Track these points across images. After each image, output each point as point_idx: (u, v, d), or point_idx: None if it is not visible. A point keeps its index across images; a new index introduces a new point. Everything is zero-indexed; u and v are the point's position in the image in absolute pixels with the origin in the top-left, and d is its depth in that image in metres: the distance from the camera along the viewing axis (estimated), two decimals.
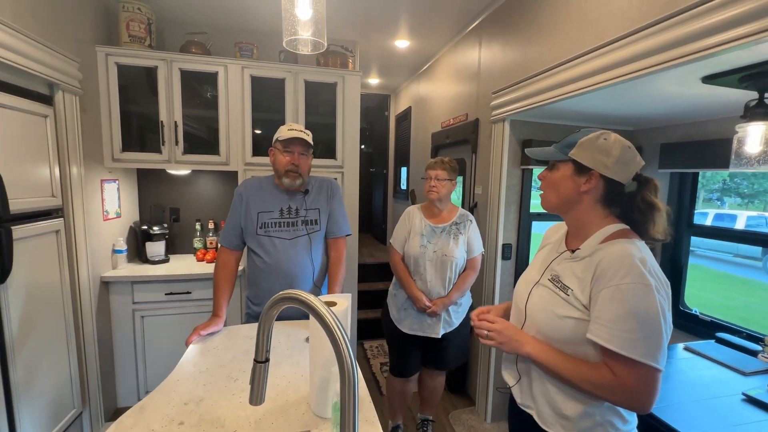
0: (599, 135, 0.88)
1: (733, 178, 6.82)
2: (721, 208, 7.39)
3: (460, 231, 1.79)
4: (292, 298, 0.57)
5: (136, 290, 2.10)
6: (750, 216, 6.88)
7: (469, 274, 1.81)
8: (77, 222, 1.79)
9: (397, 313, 1.85)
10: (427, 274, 1.75)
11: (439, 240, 1.77)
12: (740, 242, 1.80)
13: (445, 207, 1.82)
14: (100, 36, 2.08)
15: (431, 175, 1.77)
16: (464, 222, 1.81)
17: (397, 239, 1.86)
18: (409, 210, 1.88)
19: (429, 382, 1.99)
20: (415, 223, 1.82)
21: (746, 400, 1.23)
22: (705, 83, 1.23)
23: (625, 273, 0.77)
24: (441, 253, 1.74)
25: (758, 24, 0.91)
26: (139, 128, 2.22)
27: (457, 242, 1.76)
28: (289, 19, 0.84)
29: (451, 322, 1.81)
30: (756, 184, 7.56)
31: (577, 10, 1.52)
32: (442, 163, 1.78)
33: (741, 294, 5.95)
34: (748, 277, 6.50)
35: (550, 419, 0.89)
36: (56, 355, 1.67)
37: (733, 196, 7.80)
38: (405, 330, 1.81)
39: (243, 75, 2.23)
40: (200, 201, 2.64)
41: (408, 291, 1.78)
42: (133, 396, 2.16)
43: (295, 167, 1.46)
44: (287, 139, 1.45)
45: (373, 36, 2.72)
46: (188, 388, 0.99)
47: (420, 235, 1.78)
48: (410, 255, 1.79)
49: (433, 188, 1.76)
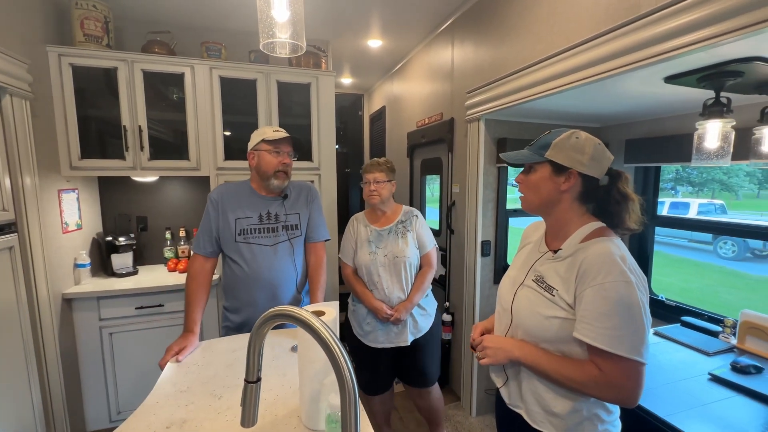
0: (571, 134, 0.90)
1: (685, 168, 7.32)
2: (675, 197, 7.92)
3: (407, 228, 1.72)
4: (283, 314, 0.55)
5: (103, 306, 1.97)
6: (701, 203, 7.42)
7: (426, 272, 1.74)
8: (33, 236, 1.66)
9: (359, 328, 1.75)
10: (383, 280, 1.67)
11: (387, 243, 1.69)
12: (699, 231, 1.93)
13: (388, 208, 1.76)
14: (52, 35, 1.93)
15: (369, 179, 1.70)
16: (410, 219, 1.75)
17: (345, 252, 1.78)
18: (352, 220, 1.82)
19: (421, 403, 1.86)
20: (360, 231, 1.75)
21: (712, 380, 1.32)
22: (667, 83, 1.30)
23: (607, 272, 0.80)
24: (392, 255, 1.67)
25: (716, 28, 0.96)
26: (100, 133, 2.08)
27: (406, 241, 1.69)
28: (266, 21, 0.80)
29: (419, 326, 1.73)
30: (705, 173, 8.15)
31: (547, 11, 1.56)
32: (378, 165, 1.72)
33: (696, 276, 6.39)
34: (702, 261, 6.99)
35: (539, 417, 0.91)
36: (15, 381, 1.54)
37: (685, 184, 8.38)
38: (371, 344, 1.72)
39: (211, 76, 2.14)
40: (169, 208, 2.51)
41: (367, 303, 1.69)
42: (104, 418, 2.03)
43: (285, 167, 1.44)
44: (277, 140, 1.42)
45: (345, 35, 2.68)
46: (169, 409, 0.93)
47: (368, 242, 1.71)
48: (362, 265, 1.71)
49: (373, 192, 1.69)
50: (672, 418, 1.11)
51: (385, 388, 1.83)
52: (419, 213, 1.79)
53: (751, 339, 1.50)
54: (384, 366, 1.78)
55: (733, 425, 1.08)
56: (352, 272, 1.77)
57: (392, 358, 1.77)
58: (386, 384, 1.83)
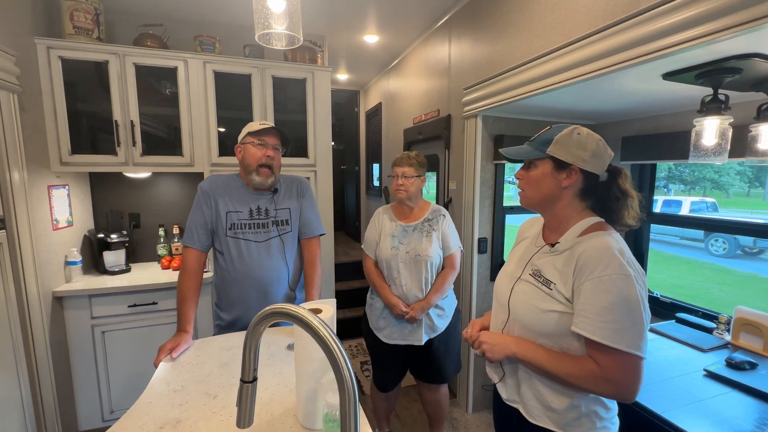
0: (572, 130, 0.89)
1: (678, 166, 7.39)
2: (667, 195, 8.00)
3: (432, 227, 1.68)
4: (281, 313, 0.53)
5: (95, 304, 1.94)
6: (693, 201, 7.51)
7: (448, 273, 1.69)
8: (22, 233, 1.62)
9: (375, 322, 1.73)
10: (402, 277, 1.65)
11: (411, 239, 1.66)
12: (693, 228, 1.94)
13: (415, 204, 1.72)
14: (40, 27, 1.88)
15: (398, 173, 1.66)
16: (437, 218, 1.70)
17: (368, 244, 1.76)
18: (379, 211, 1.79)
19: (429, 396, 1.83)
20: (384, 224, 1.72)
21: (707, 376, 1.33)
22: (665, 80, 1.29)
23: (606, 264, 0.79)
24: (414, 253, 1.64)
25: (715, 24, 0.96)
26: (90, 128, 2.04)
27: (430, 240, 1.65)
28: (261, 12, 0.78)
29: (435, 327, 1.69)
30: (696, 171, 8.26)
31: (545, 7, 1.55)
32: (408, 159, 1.67)
33: (687, 273, 6.47)
34: (692, 258, 7.08)
35: (536, 412, 0.91)
36: (5, 381, 1.51)
37: (677, 183, 8.48)
38: (385, 340, 1.70)
39: (205, 70, 2.10)
40: (163, 205, 2.48)
41: (383, 298, 1.67)
42: (96, 417, 2.00)
43: (269, 160, 1.38)
44: (261, 130, 1.38)
45: (341, 31, 2.65)
46: (163, 409, 0.92)
47: (391, 237, 1.68)
48: (382, 258, 1.69)
49: (400, 187, 1.66)
50: (668, 414, 1.11)
51: (394, 385, 1.83)
52: (447, 213, 1.74)
53: (745, 335, 1.51)
54: (395, 363, 1.76)
55: (728, 421, 1.09)
56: (373, 264, 1.75)
57: (405, 355, 1.74)
58: (395, 381, 1.82)
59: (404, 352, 1.74)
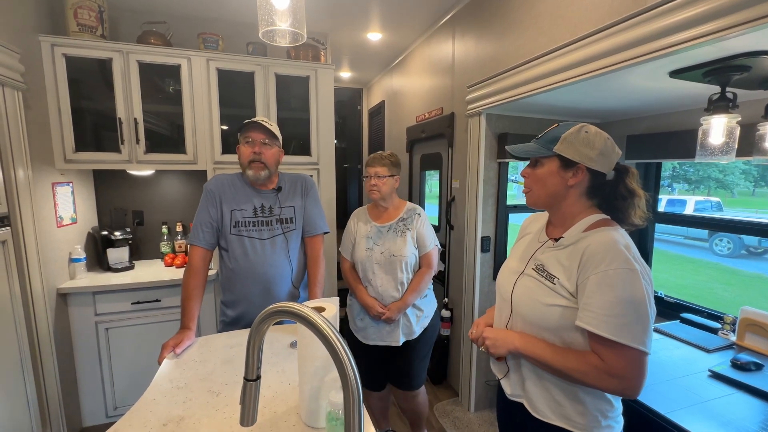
0: (580, 128, 0.89)
1: (682, 165, 7.33)
2: (672, 194, 7.95)
3: (407, 227, 1.65)
4: (284, 311, 0.53)
5: (99, 301, 1.95)
6: (698, 200, 7.46)
7: (424, 272, 1.66)
8: (27, 230, 1.63)
9: (354, 323, 1.73)
10: (377, 278, 1.63)
11: (385, 240, 1.64)
12: (699, 227, 1.93)
13: (390, 204, 1.70)
14: (44, 25, 1.88)
15: (371, 173, 1.65)
16: (411, 217, 1.67)
17: (344, 246, 1.75)
18: (354, 213, 1.78)
19: (404, 405, 1.82)
20: (360, 227, 1.71)
21: (712, 376, 1.32)
22: (672, 78, 1.28)
23: (612, 259, 0.78)
24: (389, 253, 1.61)
25: (724, 21, 0.94)
26: (94, 126, 2.05)
27: (404, 239, 1.62)
28: (265, 8, 0.78)
29: (413, 328, 1.66)
30: (701, 171, 8.19)
31: (550, 4, 1.54)
32: (381, 159, 1.65)
33: (691, 273, 6.43)
34: (696, 257, 7.03)
35: (541, 407, 0.90)
36: (10, 377, 1.52)
37: (681, 182, 8.42)
38: (363, 340, 1.69)
39: (208, 68, 2.10)
40: (166, 202, 2.48)
41: (359, 299, 1.66)
42: (101, 414, 2.02)
43: (257, 155, 1.37)
44: (243, 126, 1.38)
45: (344, 28, 2.65)
46: (166, 406, 0.92)
47: (366, 238, 1.66)
48: (357, 260, 1.67)
49: (373, 187, 1.64)
50: (673, 414, 1.11)
51: (379, 385, 1.81)
52: (422, 211, 1.73)
53: (750, 336, 1.50)
54: (376, 364, 1.75)
55: (733, 422, 1.08)
56: (350, 267, 1.75)
57: (384, 356, 1.73)
58: (380, 381, 1.81)
59: (383, 353, 1.72)
